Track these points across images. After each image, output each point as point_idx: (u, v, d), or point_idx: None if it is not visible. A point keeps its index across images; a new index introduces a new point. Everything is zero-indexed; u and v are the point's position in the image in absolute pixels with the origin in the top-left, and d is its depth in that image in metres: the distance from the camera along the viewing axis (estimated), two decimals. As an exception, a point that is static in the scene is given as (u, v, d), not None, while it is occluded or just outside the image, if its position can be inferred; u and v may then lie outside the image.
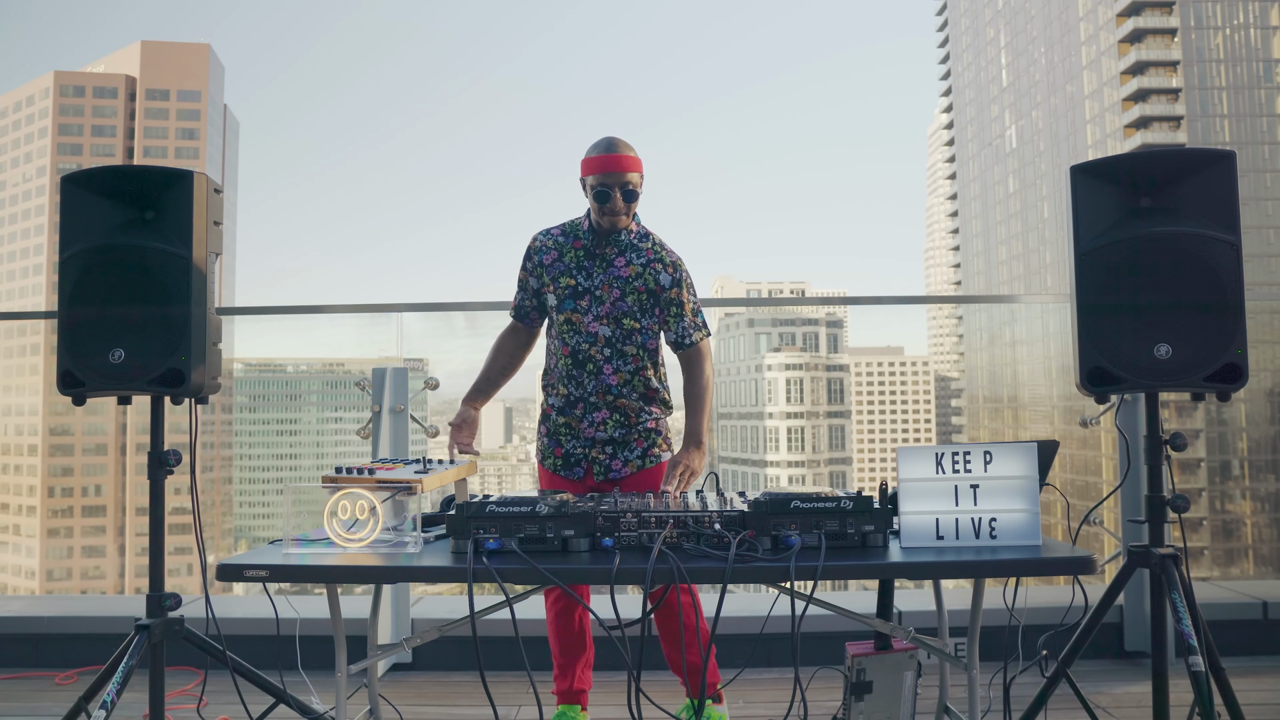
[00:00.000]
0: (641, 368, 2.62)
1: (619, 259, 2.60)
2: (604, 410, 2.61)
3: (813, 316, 35.17)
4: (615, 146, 2.54)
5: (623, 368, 2.60)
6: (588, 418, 2.61)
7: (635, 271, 2.59)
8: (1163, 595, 2.21)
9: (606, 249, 2.61)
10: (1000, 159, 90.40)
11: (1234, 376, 2.10)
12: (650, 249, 2.62)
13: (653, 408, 2.67)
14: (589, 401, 2.61)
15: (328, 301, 39.59)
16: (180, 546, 3.16)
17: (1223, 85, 69.29)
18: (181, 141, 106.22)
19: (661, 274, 2.60)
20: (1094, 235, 2.17)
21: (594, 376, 2.59)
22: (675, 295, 2.61)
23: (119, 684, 2.16)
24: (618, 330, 2.58)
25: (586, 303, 2.59)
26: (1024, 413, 12.75)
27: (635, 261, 2.60)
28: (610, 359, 2.59)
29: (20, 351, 6.05)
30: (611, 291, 2.58)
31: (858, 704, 2.21)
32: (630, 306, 2.58)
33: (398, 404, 3.40)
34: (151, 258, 2.21)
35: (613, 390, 2.60)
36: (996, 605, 2.30)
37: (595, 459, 2.62)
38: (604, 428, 2.61)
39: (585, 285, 2.60)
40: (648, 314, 2.61)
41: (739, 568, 1.87)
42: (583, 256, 2.62)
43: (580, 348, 2.60)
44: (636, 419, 2.63)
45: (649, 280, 2.59)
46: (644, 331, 2.61)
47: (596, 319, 2.58)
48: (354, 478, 2.14)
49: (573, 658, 2.69)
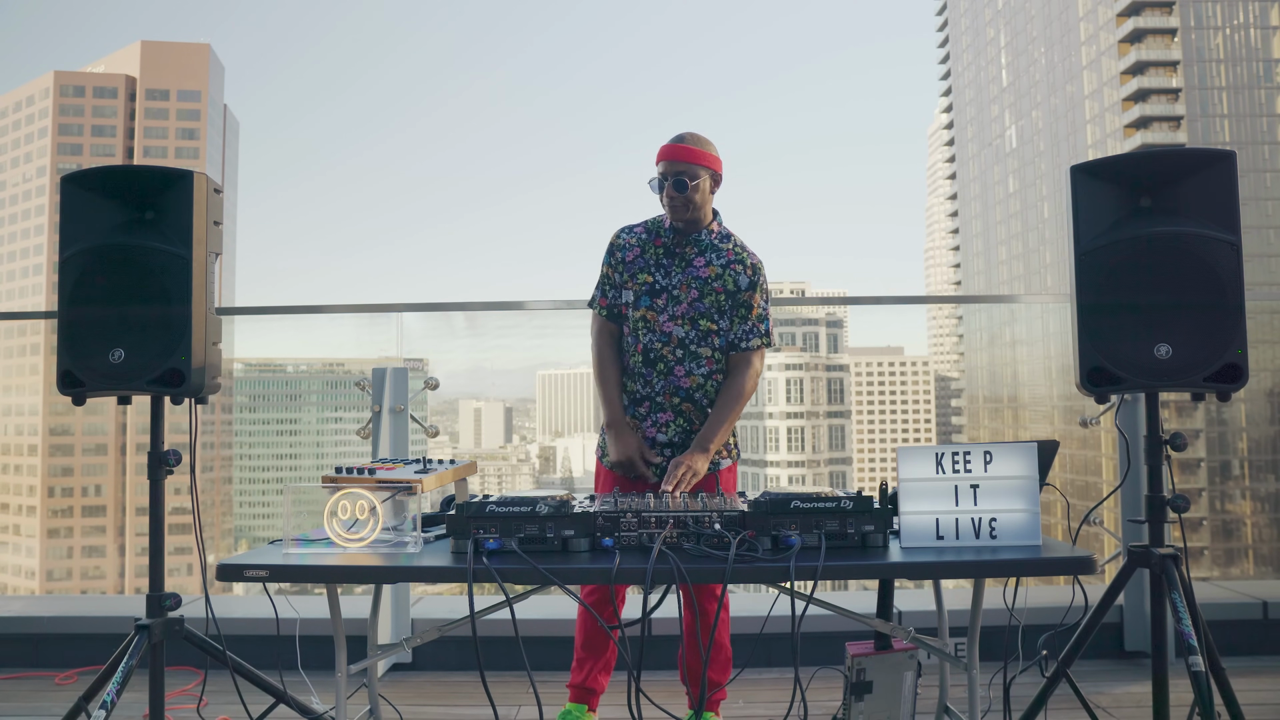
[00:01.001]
0: (716, 371, 2.58)
1: (699, 259, 2.57)
2: (669, 412, 2.57)
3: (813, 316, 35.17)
4: (681, 138, 2.55)
5: (695, 370, 2.56)
6: (652, 417, 2.58)
7: (715, 272, 2.56)
8: (1163, 595, 2.21)
9: (687, 248, 2.58)
10: (1000, 159, 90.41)
11: (1234, 376, 2.10)
12: (731, 250, 2.59)
13: None
14: (655, 401, 2.58)
15: (328, 301, 39.61)
16: (180, 546, 3.16)
17: (1223, 85, 69.30)
18: (181, 141, 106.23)
19: (741, 275, 2.56)
20: (1094, 235, 2.17)
21: (664, 376, 2.56)
22: (748, 298, 2.57)
23: (119, 684, 2.16)
24: (693, 331, 2.55)
25: (663, 301, 2.56)
26: (1024, 413, 12.76)
27: (715, 262, 2.57)
28: (682, 360, 2.56)
29: (20, 351, 6.04)
30: (690, 291, 2.55)
31: (858, 704, 2.21)
32: (708, 308, 2.55)
33: (398, 404, 3.40)
34: (151, 258, 2.21)
35: (681, 392, 2.56)
36: (996, 605, 2.30)
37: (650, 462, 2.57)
38: (665, 430, 2.57)
39: (663, 283, 2.57)
40: (725, 316, 2.56)
41: (739, 568, 1.87)
42: (662, 254, 2.60)
43: (653, 346, 2.57)
44: (698, 426, 2.57)
45: (728, 281, 2.55)
46: (720, 334, 2.56)
47: (672, 319, 2.55)
48: (354, 478, 2.14)
49: (593, 654, 2.69)
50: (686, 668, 2.65)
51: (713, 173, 2.57)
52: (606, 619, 2.64)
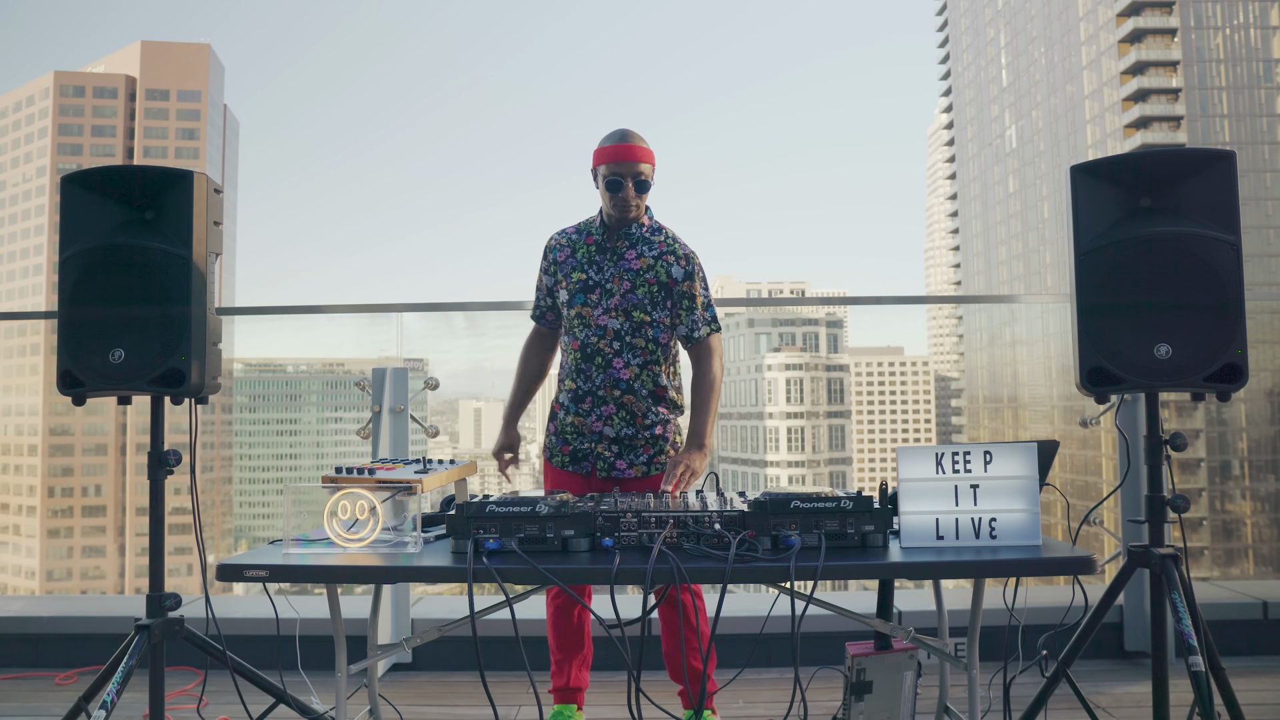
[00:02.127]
0: (652, 362, 2.59)
1: (630, 251, 2.58)
2: (611, 405, 2.58)
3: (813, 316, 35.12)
4: (628, 137, 2.55)
5: (632, 361, 2.57)
6: (595, 411, 2.59)
7: (646, 264, 2.57)
8: (1163, 595, 2.21)
9: (618, 242, 2.60)
10: (1000, 159, 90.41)
11: (1234, 376, 2.10)
12: (662, 241, 2.61)
13: (660, 408, 2.62)
14: (597, 395, 2.59)
15: (328, 301, 39.61)
16: (180, 546, 3.16)
17: (1223, 85, 69.29)
18: (181, 141, 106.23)
19: (674, 266, 2.58)
20: (1094, 235, 2.17)
21: (602, 370, 2.58)
22: (687, 288, 2.58)
23: (119, 684, 2.16)
24: (627, 323, 2.56)
25: (596, 296, 2.58)
26: (1024, 413, 12.75)
27: (647, 254, 2.58)
28: (620, 352, 2.57)
29: (20, 351, 6.04)
30: (622, 284, 2.56)
31: (858, 704, 2.21)
32: (641, 299, 2.56)
33: (398, 404, 3.40)
34: (151, 258, 2.21)
35: (621, 384, 2.57)
36: (996, 605, 2.31)
37: (600, 455, 2.60)
38: (611, 423, 2.59)
39: (596, 279, 2.59)
40: (659, 307, 2.57)
41: (739, 568, 1.87)
42: (594, 251, 2.61)
43: (589, 341, 2.58)
44: (643, 419, 2.60)
45: (660, 273, 2.57)
46: (655, 325, 2.58)
47: (606, 312, 2.57)
48: (354, 478, 2.14)
49: (569, 654, 2.69)
50: (681, 667, 2.62)
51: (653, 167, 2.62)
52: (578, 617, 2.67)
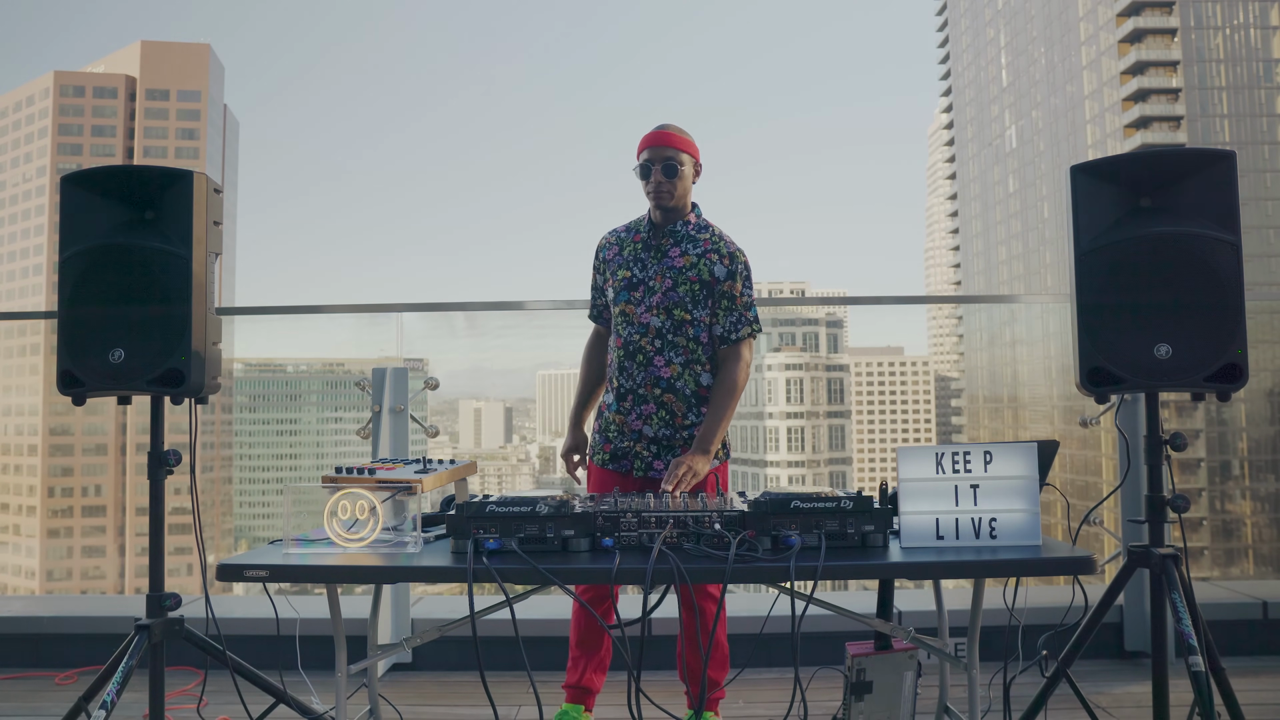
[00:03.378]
0: (694, 361, 2.58)
1: (674, 249, 2.59)
2: (651, 404, 2.58)
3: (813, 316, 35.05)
4: (663, 126, 2.59)
5: (674, 359, 2.57)
6: (636, 410, 2.60)
7: (690, 262, 2.57)
8: (1163, 595, 2.21)
9: (663, 240, 2.60)
10: (1000, 159, 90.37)
11: (1234, 376, 2.10)
12: (708, 239, 2.60)
13: (703, 409, 2.60)
14: (638, 394, 2.59)
15: (328, 301, 39.59)
16: (180, 546, 3.16)
17: (1223, 85, 69.27)
18: (181, 141, 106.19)
19: (717, 265, 2.57)
20: (1094, 235, 2.17)
21: (644, 368, 2.58)
22: (728, 288, 2.57)
23: (119, 684, 2.16)
24: (669, 321, 2.56)
25: (640, 294, 2.58)
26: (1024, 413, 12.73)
27: (691, 252, 2.58)
28: (661, 350, 2.57)
29: (20, 351, 6.04)
30: (664, 281, 2.56)
31: (858, 704, 2.21)
32: (682, 297, 2.55)
33: (398, 404, 3.40)
34: (151, 258, 2.21)
35: (663, 383, 2.57)
36: (996, 605, 2.30)
37: (639, 454, 2.60)
38: (650, 422, 2.59)
39: (639, 276, 2.60)
40: (700, 306, 2.56)
41: (739, 568, 1.87)
42: (640, 249, 2.63)
43: (631, 339, 2.59)
44: (683, 419, 2.59)
45: (703, 271, 2.56)
46: (696, 324, 2.57)
47: (648, 309, 2.57)
48: (354, 478, 2.14)
49: (586, 653, 2.70)
50: (686, 666, 2.65)
51: (695, 161, 2.62)
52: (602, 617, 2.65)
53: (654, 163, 2.55)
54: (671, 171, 2.55)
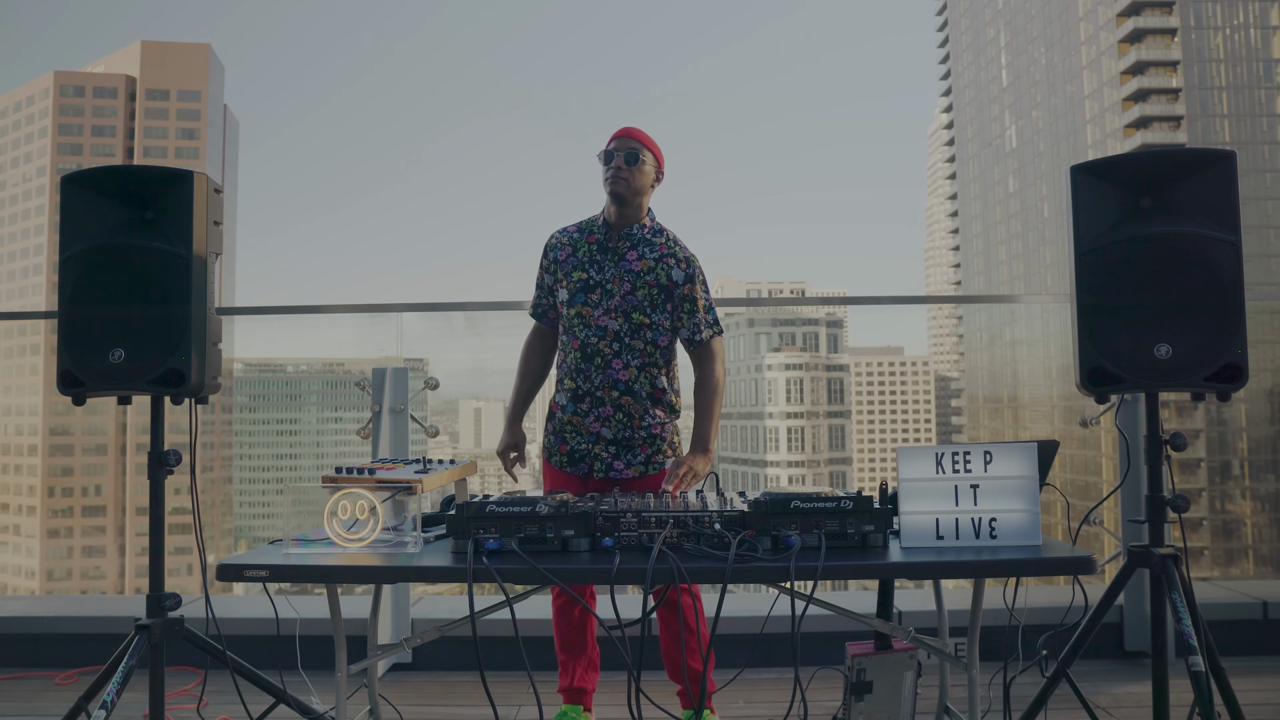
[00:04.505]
0: (650, 364, 2.60)
1: (631, 253, 2.59)
2: (609, 406, 2.59)
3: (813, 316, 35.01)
4: (633, 127, 2.61)
5: (631, 362, 2.57)
6: (594, 412, 2.60)
7: (647, 265, 2.57)
8: (1163, 595, 2.21)
9: (619, 243, 2.60)
10: (1000, 159, 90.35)
11: (1234, 376, 2.10)
12: (664, 244, 2.61)
13: (658, 410, 2.63)
14: (595, 396, 2.59)
15: (328, 301, 39.59)
16: (180, 546, 3.16)
17: (1223, 85, 69.26)
18: (181, 141, 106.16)
19: (674, 269, 2.58)
20: (1094, 235, 2.17)
21: (601, 370, 2.58)
22: (688, 291, 2.59)
23: (119, 684, 2.16)
24: (626, 324, 2.56)
25: (597, 296, 2.58)
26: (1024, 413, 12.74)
27: (648, 256, 2.58)
28: (619, 353, 2.57)
29: (20, 351, 6.04)
30: (622, 285, 2.56)
31: (858, 704, 2.21)
32: (640, 301, 2.56)
33: (398, 404, 3.40)
34: (151, 258, 2.21)
35: (620, 385, 2.57)
36: (996, 605, 2.30)
37: (598, 456, 2.61)
38: (608, 424, 2.59)
39: (596, 279, 2.59)
40: (659, 309, 2.58)
41: (739, 568, 1.87)
42: (595, 250, 2.61)
43: (589, 341, 2.58)
44: (640, 421, 2.60)
45: (661, 275, 2.57)
46: (654, 328, 2.58)
47: (606, 313, 2.57)
48: (354, 478, 2.14)
49: (573, 655, 2.70)
50: (675, 666, 2.63)
51: (657, 164, 2.63)
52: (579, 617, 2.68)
53: (617, 150, 2.56)
54: (633, 159, 2.55)
